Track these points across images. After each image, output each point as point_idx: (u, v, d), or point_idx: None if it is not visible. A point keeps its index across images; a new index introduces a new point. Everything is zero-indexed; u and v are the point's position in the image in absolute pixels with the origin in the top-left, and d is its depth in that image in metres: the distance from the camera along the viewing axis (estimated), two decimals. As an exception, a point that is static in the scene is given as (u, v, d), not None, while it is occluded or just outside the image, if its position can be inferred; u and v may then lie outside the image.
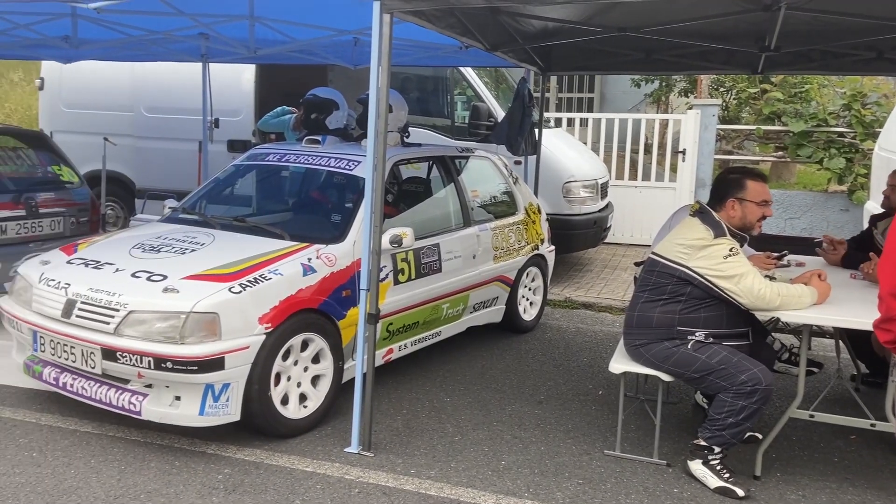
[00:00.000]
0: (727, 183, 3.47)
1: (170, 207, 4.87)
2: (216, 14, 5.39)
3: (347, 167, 4.56)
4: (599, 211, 7.37)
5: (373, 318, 3.56)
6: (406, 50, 5.88)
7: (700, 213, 3.46)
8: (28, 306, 3.86)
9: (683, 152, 8.70)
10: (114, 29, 5.80)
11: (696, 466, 3.39)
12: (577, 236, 7.08)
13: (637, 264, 4.59)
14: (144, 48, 6.64)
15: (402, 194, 5.06)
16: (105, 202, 7.28)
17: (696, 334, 3.37)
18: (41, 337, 3.74)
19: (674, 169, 8.91)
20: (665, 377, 3.47)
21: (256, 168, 5.13)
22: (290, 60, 6.76)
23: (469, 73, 7.18)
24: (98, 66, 7.75)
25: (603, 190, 7.51)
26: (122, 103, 8.16)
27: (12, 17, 5.61)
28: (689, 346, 3.36)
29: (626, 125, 9.08)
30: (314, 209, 4.86)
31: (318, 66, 7.63)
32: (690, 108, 9.24)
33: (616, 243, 8.65)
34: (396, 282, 4.32)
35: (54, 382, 3.77)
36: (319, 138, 4.96)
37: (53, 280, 3.80)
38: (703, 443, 3.37)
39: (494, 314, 5.40)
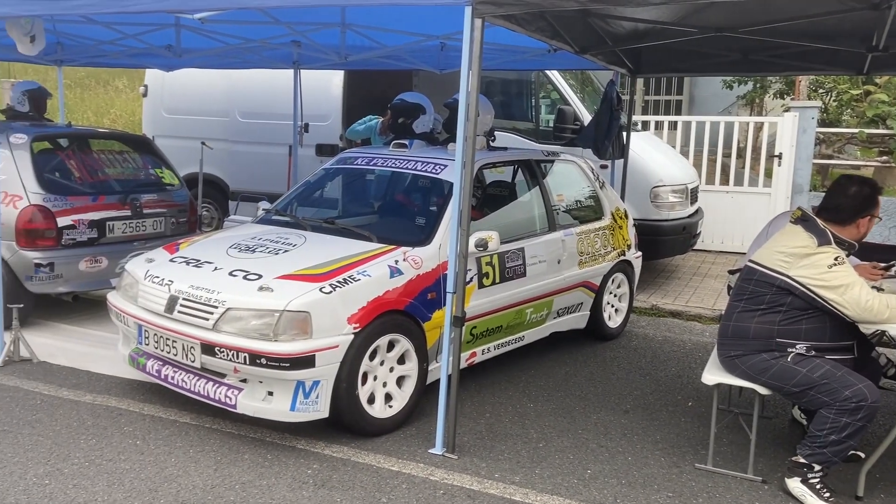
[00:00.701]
0: (865, 199, 3.28)
1: (263, 209, 5.04)
2: (310, 22, 5.56)
3: (434, 171, 4.60)
4: (689, 216, 7.16)
5: (458, 320, 3.58)
6: (493, 54, 5.90)
7: (802, 220, 3.31)
8: (134, 301, 4.08)
9: (779, 156, 8.34)
10: (213, 38, 6.07)
11: (795, 484, 3.24)
12: (665, 242, 6.90)
13: (731, 272, 4.43)
14: (240, 56, 6.93)
15: (487, 198, 5.07)
16: (201, 203, 7.63)
17: (797, 346, 3.22)
18: (146, 331, 3.94)
19: (768, 174, 8.56)
20: (762, 390, 3.33)
21: (345, 171, 5.24)
22: (378, 66, 6.89)
23: (555, 75, 7.12)
24: (196, 74, 8.12)
25: (693, 195, 7.29)
26: (218, 109, 8.52)
27: (122, 27, 5.98)
28: (788, 359, 3.22)
29: (717, 128, 8.79)
30: (401, 212, 4.94)
31: (403, 71, 7.75)
32: (787, 111, 8.86)
33: (706, 250, 8.38)
34: (481, 285, 4.32)
35: (156, 374, 3.97)
36: (406, 142, 5.02)
37: (158, 277, 4.00)
38: (802, 460, 3.21)
39: (578, 320, 5.33)
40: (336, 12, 5.38)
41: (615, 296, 5.64)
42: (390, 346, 3.87)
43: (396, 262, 3.97)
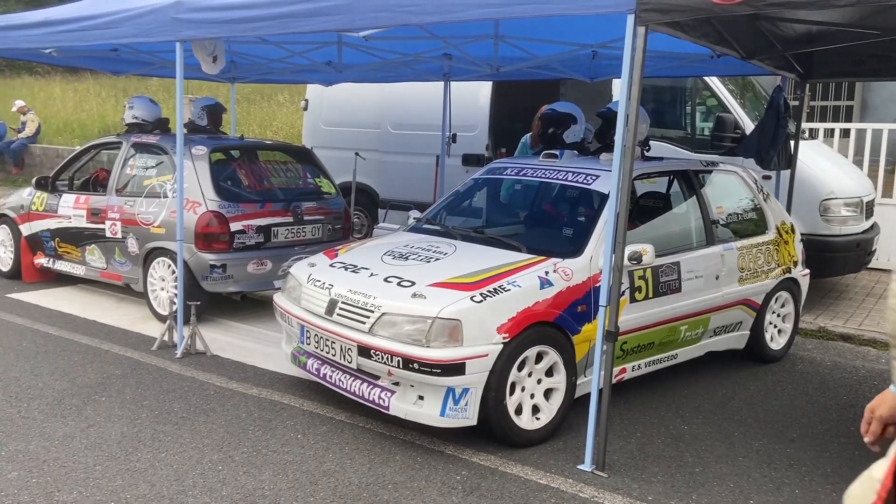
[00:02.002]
0: None
1: (414, 218, 5.19)
2: (464, 36, 5.67)
3: (585, 181, 4.53)
4: (863, 232, 6.57)
5: (611, 335, 3.49)
6: (649, 61, 5.68)
7: None
8: (297, 303, 4.33)
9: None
10: (371, 54, 6.35)
11: None
12: (835, 260, 6.37)
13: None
14: (394, 70, 7.21)
15: (641, 209, 4.91)
16: (353, 211, 7.99)
17: None
18: (307, 331, 4.17)
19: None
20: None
21: (494, 182, 5.29)
22: (527, 76, 6.90)
23: (713, 81, 6.80)
24: (352, 88, 8.54)
25: (868, 209, 6.68)
26: (371, 121, 8.89)
27: (290, 46, 6.39)
28: None
29: (895, 136, 8.00)
30: (551, 223, 4.90)
31: (550, 81, 7.72)
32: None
33: (881, 269, 7.64)
34: (633, 299, 4.20)
35: (316, 373, 4.19)
36: (557, 152, 4.98)
37: (319, 281, 4.23)
38: None
39: (737, 340, 5.04)
40: (489, 25, 5.45)
41: (779, 316, 5.28)
42: (539, 357, 3.84)
43: (547, 273, 3.94)
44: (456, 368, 3.53)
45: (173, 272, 5.69)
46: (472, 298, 3.68)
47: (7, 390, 4.32)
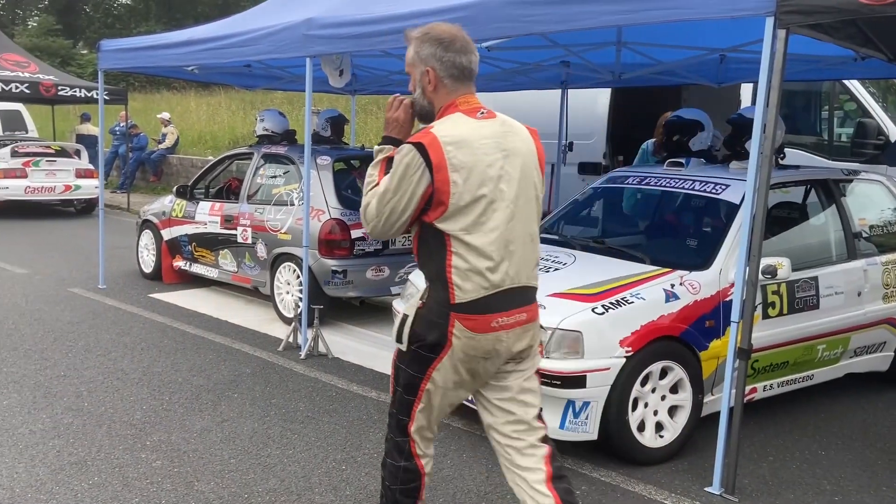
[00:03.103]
0: None
1: (532, 227, 5.16)
2: (586, 43, 5.60)
3: (714, 191, 4.35)
4: None
5: (744, 352, 3.33)
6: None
7: None
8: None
9: None
10: (490, 63, 6.39)
11: None
12: None
13: None
14: (509, 79, 7.21)
15: (772, 220, 4.64)
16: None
17: None
18: (426, 338, 4.23)
19: None
20: None
21: (615, 191, 5.18)
22: (649, 82, 6.72)
23: (853, 84, 6.36)
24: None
25: None
26: (485, 130, 8.91)
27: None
28: None
29: None
30: (677, 234, 4.74)
31: (671, 87, 7.48)
32: None
33: None
34: (766, 316, 3.98)
35: (434, 379, 4.24)
36: (683, 161, 4.82)
37: (438, 288, 4.28)
38: None
39: (879, 362, 4.67)
40: (612, 31, 5.36)
41: (928, 337, 4.85)
42: (663, 373, 3.72)
43: (672, 285, 3.81)
44: (576, 381, 3.48)
45: (298, 277, 5.95)
46: (593, 310, 3.61)
47: (151, 383, 4.66)
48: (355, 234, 5.90)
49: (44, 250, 9.31)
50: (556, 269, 4.18)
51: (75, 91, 12.75)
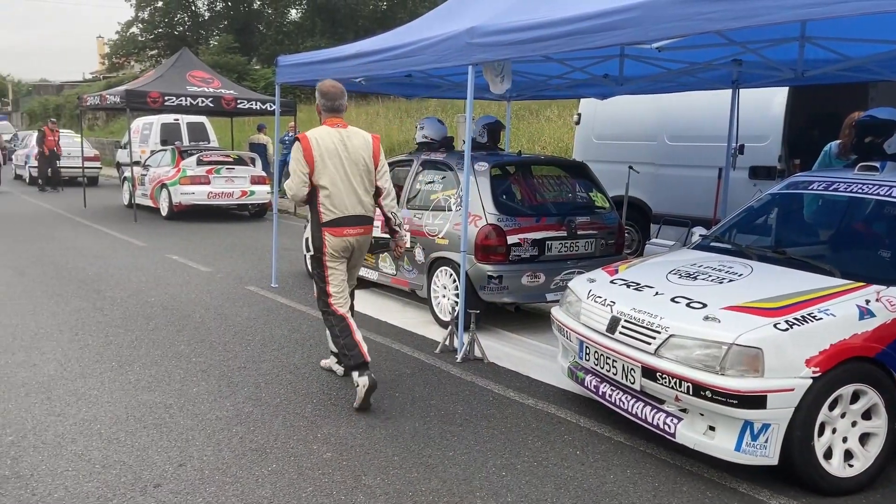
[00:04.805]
0: None
1: (700, 235, 4.90)
2: (765, 39, 5.23)
3: (916, 197, 3.90)
4: None
5: (958, 380, 2.94)
6: None
7: None
8: (576, 318, 4.32)
9: None
10: (655, 65, 6.16)
11: None
12: None
13: None
14: (674, 79, 6.90)
15: None
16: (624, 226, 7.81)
17: None
18: (587, 347, 4.14)
19: None
20: None
21: (797, 197, 4.78)
22: (834, 80, 6.16)
23: None
24: (626, 101, 8.35)
25: None
26: (646, 133, 8.62)
27: (572, 62, 6.44)
28: None
29: None
30: (870, 245, 4.30)
31: (856, 85, 6.82)
32: None
33: None
34: (980, 339, 3.50)
35: (594, 390, 4.13)
36: (877, 164, 4.36)
37: (600, 297, 4.17)
38: None
39: None
40: (795, 26, 4.96)
41: None
42: (854, 397, 3.39)
43: (867, 301, 3.46)
44: (756, 401, 3.24)
45: (454, 281, 6.03)
46: (775, 325, 3.36)
47: (320, 378, 4.91)
48: (511, 240, 5.89)
49: (223, 251, 10.14)
50: (731, 281, 3.94)
51: (252, 104, 13.84)
